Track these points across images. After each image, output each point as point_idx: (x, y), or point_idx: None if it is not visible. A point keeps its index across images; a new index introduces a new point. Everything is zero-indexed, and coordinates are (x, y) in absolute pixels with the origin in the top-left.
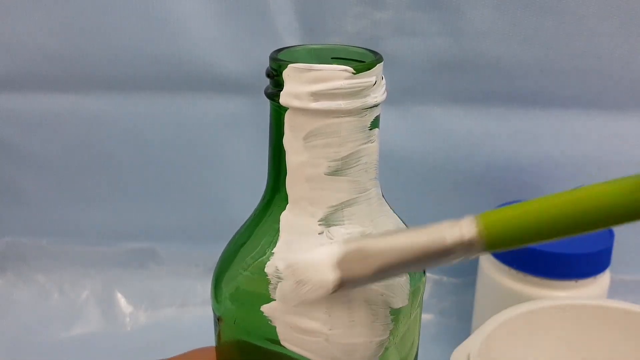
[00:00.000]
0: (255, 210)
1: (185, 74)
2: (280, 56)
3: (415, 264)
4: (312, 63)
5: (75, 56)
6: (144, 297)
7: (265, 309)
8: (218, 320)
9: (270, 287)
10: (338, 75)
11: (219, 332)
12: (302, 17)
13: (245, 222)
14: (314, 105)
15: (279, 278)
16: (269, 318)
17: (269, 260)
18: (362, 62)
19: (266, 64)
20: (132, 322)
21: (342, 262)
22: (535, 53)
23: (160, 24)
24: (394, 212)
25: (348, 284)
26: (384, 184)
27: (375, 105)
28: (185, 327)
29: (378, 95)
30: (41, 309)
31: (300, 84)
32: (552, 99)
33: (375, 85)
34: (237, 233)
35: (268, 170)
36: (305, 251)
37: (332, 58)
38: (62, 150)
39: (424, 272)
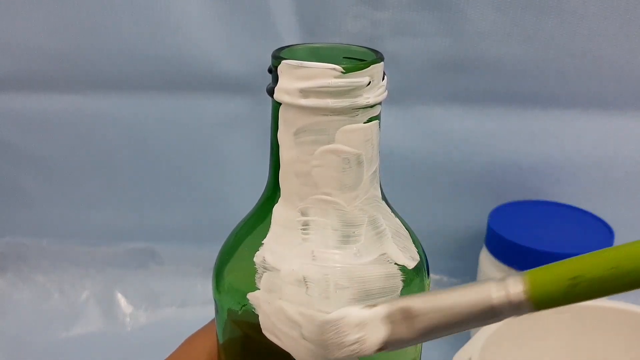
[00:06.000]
0: (257, 203)
1: (185, 74)
2: (282, 54)
3: (461, 325)
4: (312, 61)
5: (75, 56)
6: (144, 297)
7: (251, 297)
8: (219, 310)
9: (257, 276)
10: (326, 74)
11: (220, 322)
12: (302, 17)
13: (247, 215)
14: (303, 101)
15: (265, 269)
16: (254, 306)
17: (258, 251)
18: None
19: (266, 64)
20: (132, 322)
21: (387, 322)
22: (535, 53)
23: (160, 24)
24: (396, 215)
25: (391, 344)
26: (384, 183)
27: (369, 106)
28: (185, 327)
29: (372, 96)
30: (41, 309)
31: (291, 80)
32: (552, 99)
33: (369, 86)
34: (238, 225)
35: (269, 165)
36: (290, 246)
37: (343, 57)
38: (62, 150)
39: (428, 274)
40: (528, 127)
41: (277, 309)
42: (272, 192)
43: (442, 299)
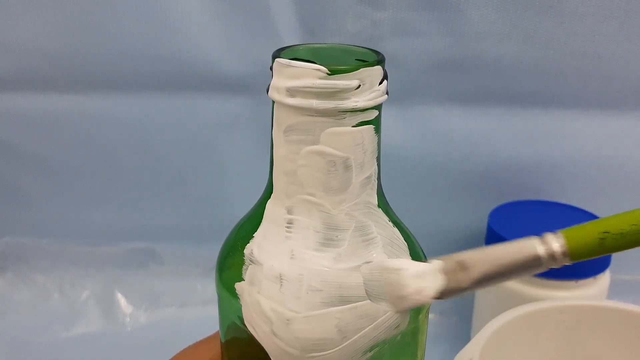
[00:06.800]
0: (259, 199)
1: (185, 74)
2: (283, 54)
3: (508, 275)
4: (311, 61)
5: (75, 56)
6: (144, 297)
7: (237, 286)
8: (220, 305)
9: (244, 267)
10: (311, 74)
11: (221, 318)
12: (302, 17)
13: (250, 210)
14: (289, 100)
15: (251, 261)
16: (239, 296)
17: (248, 243)
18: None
19: (266, 64)
20: (132, 322)
21: (444, 273)
22: (535, 53)
23: (160, 24)
24: (396, 225)
25: (447, 293)
26: (383, 184)
27: (359, 110)
28: (185, 327)
29: (361, 100)
30: (41, 309)
31: (281, 79)
32: (552, 99)
33: (358, 90)
34: (240, 220)
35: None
36: (275, 242)
37: (355, 59)
38: (62, 150)
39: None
40: (528, 127)
41: (255, 302)
42: (269, 189)
43: (493, 253)
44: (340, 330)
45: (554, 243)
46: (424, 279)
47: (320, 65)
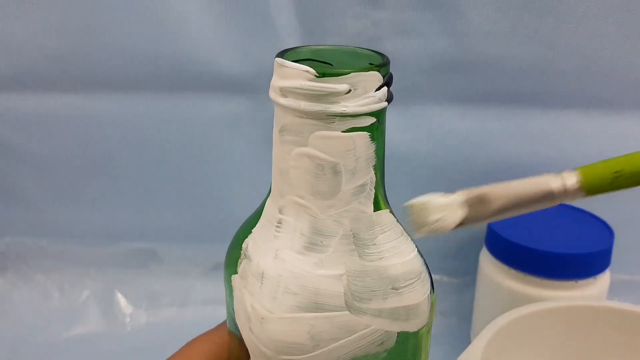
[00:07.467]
0: (265, 196)
1: (185, 74)
2: (287, 55)
3: (525, 207)
4: (312, 62)
5: (75, 56)
6: (144, 297)
7: (232, 279)
8: (227, 297)
9: (239, 261)
10: (300, 75)
11: (227, 310)
12: (302, 17)
13: (258, 207)
14: (281, 100)
15: (245, 256)
16: (232, 289)
17: (246, 237)
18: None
19: (266, 64)
20: (132, 322)
21: (465, 205)
22: (535, 53)
23: (160, 24)
24: (395, 237)
25: (467, 223)
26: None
27: (349, 115)
28: (185, 327)
29: (351, 105)
30: (41, 309)
31: (276, 79)
32: (552, 99)
33: (349, 94)
34: (250, 216)
35: None
36: (266, 240)
37: (369, 64)
38: (62, 150)
39: (432, 288)
40: (528, 127)
41: (241, 296)
42: (270, 187)
43: (512, 187)
44: (313, 337)
45: (569, 179)
46: (448, 209)
47: (314, 67)
